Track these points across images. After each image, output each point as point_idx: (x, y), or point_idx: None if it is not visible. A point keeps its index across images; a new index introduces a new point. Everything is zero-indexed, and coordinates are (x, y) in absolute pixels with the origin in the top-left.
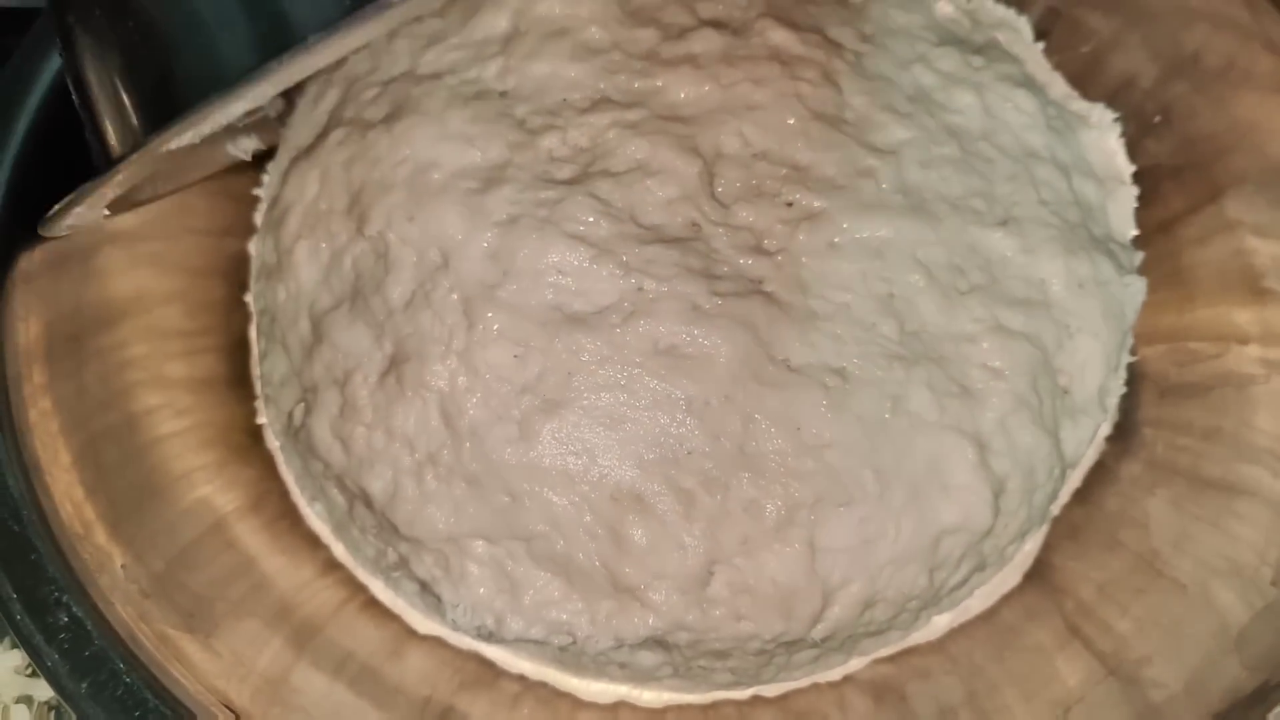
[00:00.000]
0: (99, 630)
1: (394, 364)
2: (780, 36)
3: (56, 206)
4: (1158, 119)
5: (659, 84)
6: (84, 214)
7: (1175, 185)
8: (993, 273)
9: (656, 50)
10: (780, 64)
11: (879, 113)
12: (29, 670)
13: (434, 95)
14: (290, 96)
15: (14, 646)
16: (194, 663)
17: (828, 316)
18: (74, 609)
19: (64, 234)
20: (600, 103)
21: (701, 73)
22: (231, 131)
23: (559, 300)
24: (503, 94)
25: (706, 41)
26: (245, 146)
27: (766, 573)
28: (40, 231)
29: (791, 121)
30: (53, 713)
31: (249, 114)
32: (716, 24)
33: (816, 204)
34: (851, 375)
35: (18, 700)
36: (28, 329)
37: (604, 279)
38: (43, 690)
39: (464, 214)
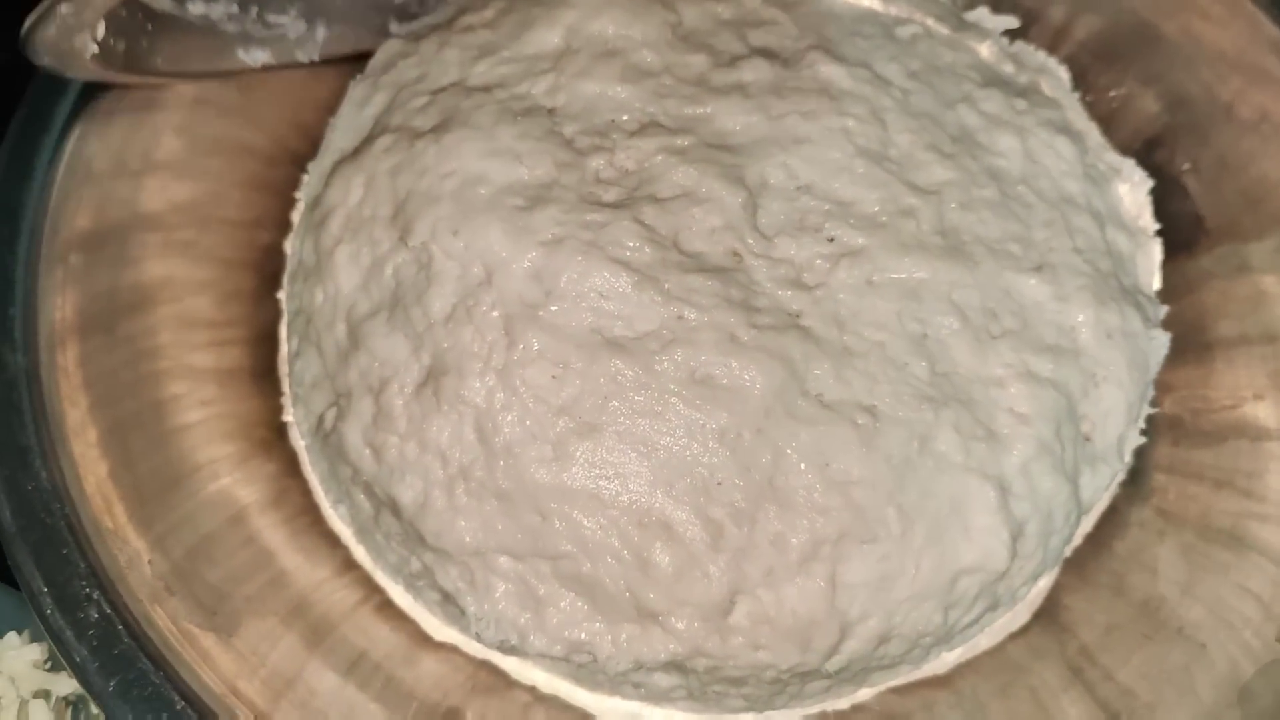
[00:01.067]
0: (128, 628)
1: (431, 376)
2: (829, 70)
3: (34, 15)
4: (1187, 167)
5: (708, 111)
6: (68, 34)
7: (1201, 235)
8: (1025, 318)
9: (707, 76)
10: (829, 98)
11: (923, 152)
12: (48, 665)
13: (484, 109)
14: (313, 22)
15: (32, 640)
16: (215, 660)
17: (862, 354)
18: (104, 605)
19: (48, 62)
20: (649, 126)
21: (751, 102)
22: (244, 36)
23: (599, 324)
24: (551, 111)
25: (757, 71)
26: (256, 56)
27: (787, 605)
28: (23, 52)
29: (837, 156)
30: (70, 708)
31: (264, 23)
32: (767, 53)
33: (857, 240)
34: (882, 414)
35: (36, 695)
36: (62, 308)
37: (645, 305)
38: (62, 685)
39: (509, 231)
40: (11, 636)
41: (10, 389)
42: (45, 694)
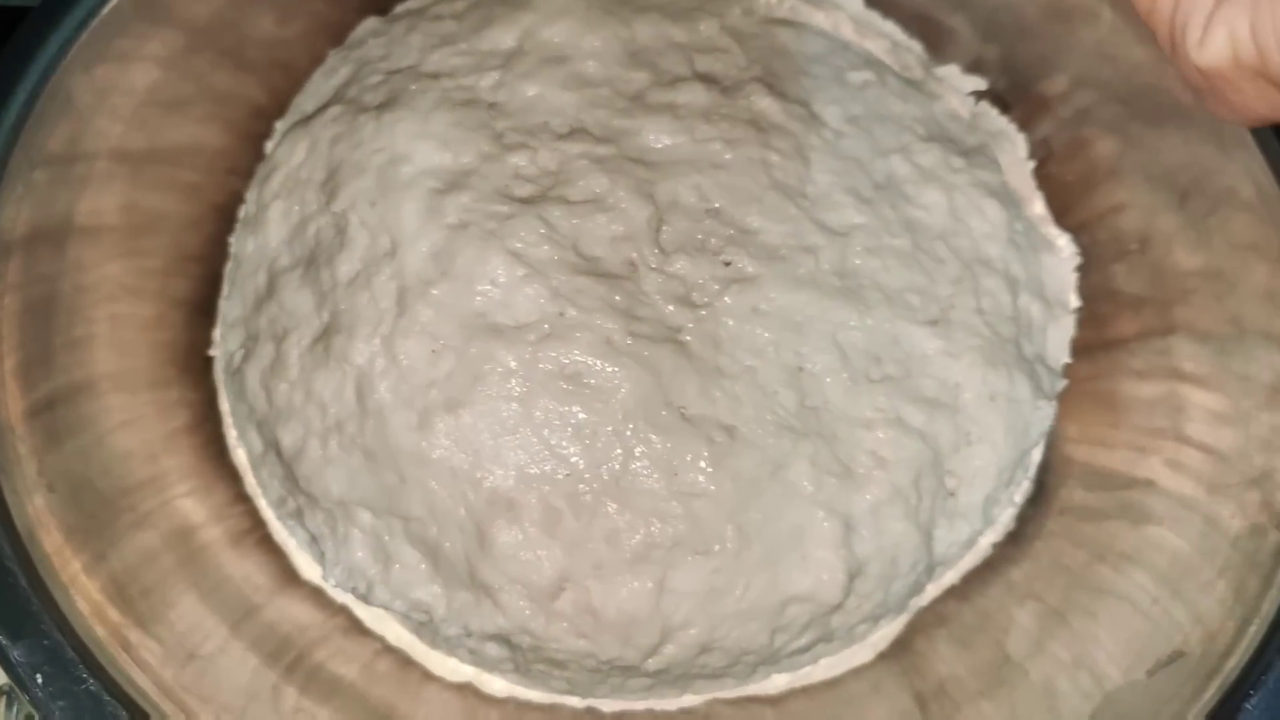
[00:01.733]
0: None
1: (326, 333)
2: (765, 103)
3: None
4: (1134, 247)
5: (636, 125)
6: None
7: (1132, 315)
8: (909, 367)
9: (644, 93)
10: (756, 129)
11: (840, 194)
12: None
13: (427, 94)
14: None
15: None
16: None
17: (732, 376)
18: None
19: None
20: (576, 132)
21: (679, 124)
22: None
23: (484, 309)
24: (491, 105)
25: (692, 94)
26: None
27: (613, 600)
28: None
29: (750, 186)
30: (3, 698)
31: None
32: (708, 79)
33: (751, 269)
34: (740, 435)
35: None
36: (14, 220)
37: (530, 298)
38: None
39: (420, 211)
40: None
41: None
42: None
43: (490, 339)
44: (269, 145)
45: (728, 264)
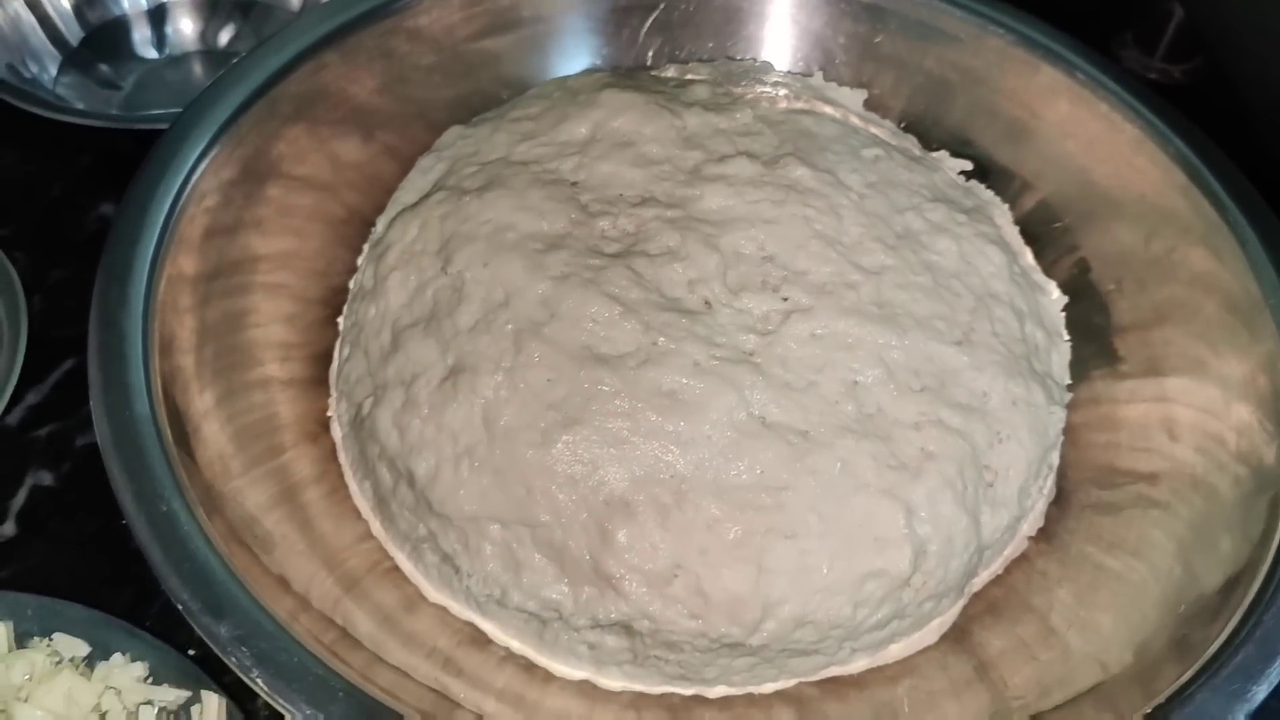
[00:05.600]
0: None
1: (453, 373)
2: (800, 172)
3: None
4: (1112, 287)
5: (698, 193)
6: None
7: (1120, 344)
8: (943, 379)
9: (700, 168)
10: (796, 192)
11: (870, 242)
12: (149, 679)
13: (520, 176)
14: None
15: (133, 660)
16: (269, 588)
17: (800, 389)
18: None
19: None
20: (648, 200)
21: (732, 189)
22: None
23: (590, 342)
24: (574, 184)
25: (740, 167)
26: None
27: (720, 582)
28: None
29: (797, 236)
30: (171, 717)
31: None
32: (751, 155)
33: (806, 301)
34: (812, 438)
35: (141, 704)
36: (183, 321)
37: (628, 331)
38: (163, 695)
39: (527, 267)
40: (117, 656)
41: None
42: (149, 704)
43: (597, 367)
44: (376, 230)
45: (785, 299)
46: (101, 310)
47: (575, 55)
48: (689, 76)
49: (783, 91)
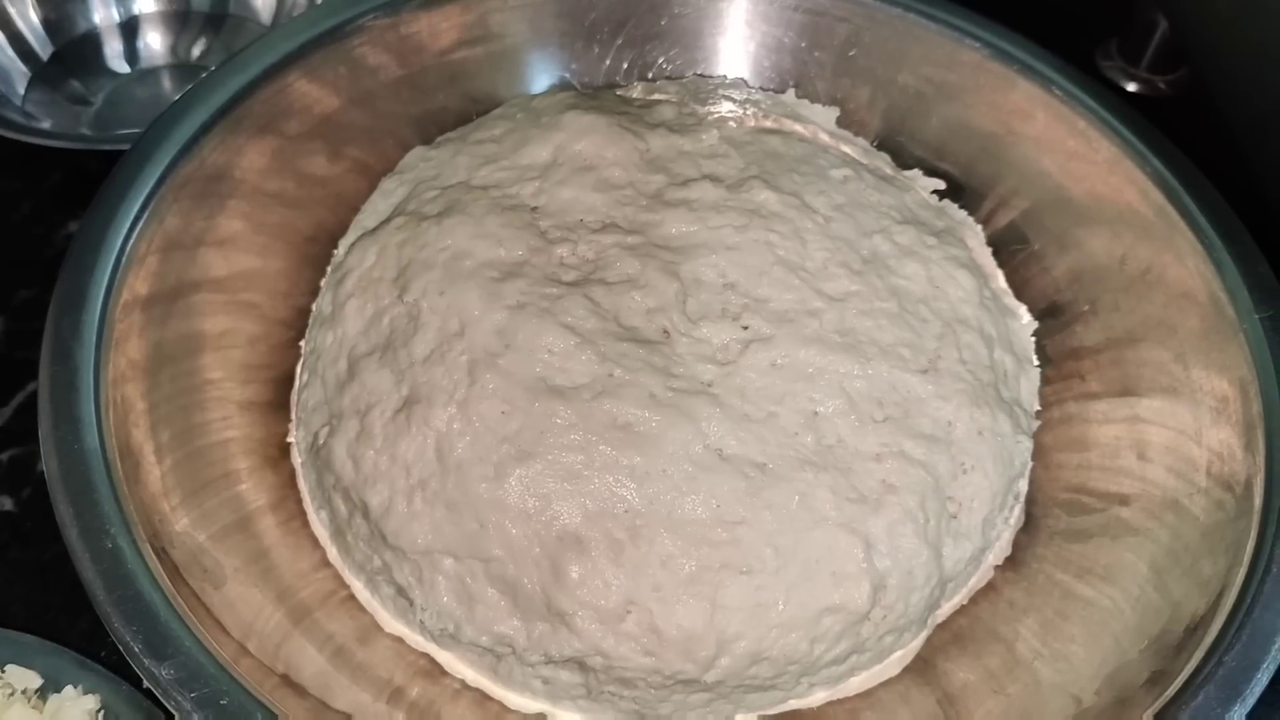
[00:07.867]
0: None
1: (407, 404)
2: (764, 196)
3: None
4: (1086, 308)
5: (659, 218)
6: None
7: (1093, 364)
8: (907, 408)
9: (662, 192)
10: (759, 217)
11: (835, 267)
12: (100, 713)
13: (479, 202)
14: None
15: (86, 693)
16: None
17: (759, 421)
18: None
19: None
20: (609, 226)
21: (694, 215)
22: None
23: (545, 374)
24: (534, 209)
25: (703, 191)
26: None
27: (673, 618)
28: None
29: (758, 263)
30: None
31: None
32: (714, 178)
33: (767, 330)
34: (770, 470)
35: None
36: (133, 349)
37: (583, 362)
38: None
39: (483, 296)
40: (69, 689)
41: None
42: None
43: (552, 399)
44: (337, 255)
45: (745, 327)
46: (54, 342)
47: (545, 71)
48: (655, 96)
49: (751, 110)
